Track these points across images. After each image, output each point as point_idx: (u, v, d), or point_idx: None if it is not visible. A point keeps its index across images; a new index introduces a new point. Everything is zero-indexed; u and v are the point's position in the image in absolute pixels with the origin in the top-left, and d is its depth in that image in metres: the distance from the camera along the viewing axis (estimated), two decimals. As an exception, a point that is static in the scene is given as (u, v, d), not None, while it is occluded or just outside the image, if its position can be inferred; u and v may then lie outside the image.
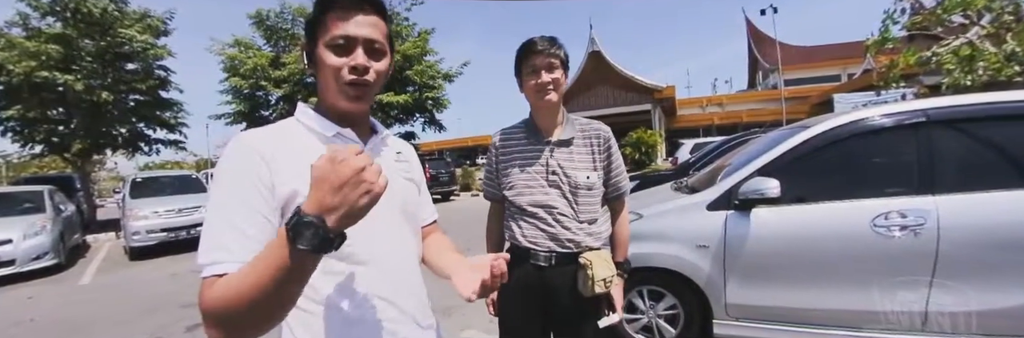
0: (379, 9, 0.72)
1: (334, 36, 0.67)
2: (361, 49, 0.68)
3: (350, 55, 0.68)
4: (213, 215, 0.59)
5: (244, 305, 0.50)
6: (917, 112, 1.93)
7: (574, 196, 1.21)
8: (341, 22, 0.67)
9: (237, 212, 0.59)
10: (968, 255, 1.76)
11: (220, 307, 0.51)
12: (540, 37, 1.19)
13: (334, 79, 0.68)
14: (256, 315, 0.52)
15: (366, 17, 0.69)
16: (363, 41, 0.68)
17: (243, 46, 12.53)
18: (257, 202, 0.60)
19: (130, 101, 10.12)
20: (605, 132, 1.28)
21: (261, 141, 0.65)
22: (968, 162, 1.89)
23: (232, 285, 0.52)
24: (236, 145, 0.65)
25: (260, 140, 0.65)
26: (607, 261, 1.20)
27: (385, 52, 0.72)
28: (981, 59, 4.19)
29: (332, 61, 0.67)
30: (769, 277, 1.97)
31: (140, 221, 6.23)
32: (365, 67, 0.68)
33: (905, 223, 1.79)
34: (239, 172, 0.62)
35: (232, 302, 0.51)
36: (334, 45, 0.67)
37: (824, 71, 27.21)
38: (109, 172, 33.20)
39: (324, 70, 0.68)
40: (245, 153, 0.63)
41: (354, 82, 0.68)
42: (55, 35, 8.56)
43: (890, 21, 5.01)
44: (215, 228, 0.58)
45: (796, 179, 1.97)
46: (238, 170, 0.62)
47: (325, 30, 0.68)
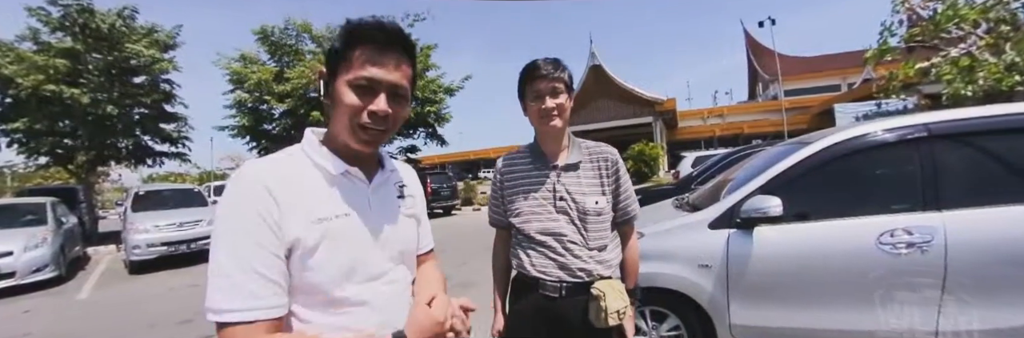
0: (409, 51, 0.69)
1: (359, 76, 0.64)
2: (384, 95, 0.66)
3: (372, 98, 0.65)
4: (229, 257, 0.58)
5: None
6: (919, 126, 1.91)
7: (583, 222, 1.17)
8: (369, 63, 0.65)
9: (255, 255, 0.59)
10: (979, 272, 1.71)
11: None
12: (543, 60, 1.16)
13: (349, 119, 0.66)
14: None
15: (395, 60, 0.66)
16: (388, 86, 0.66)
17: (248, 61, 12.75)
18: (269, 242, 0.60)
19: (135, 114, 10.25)
20: (612, 155, 1.24)
21: (269, 175, 0.63)
22: (974, 177, 1.86)
23: None
24: (243, 180, 0.63)
25: (268, 174, 0.63)
26: (620, 292, 1.15)
27: (407, 98, 0.70)
28: (981, 69, 4.19)
29: (352, 101, 0.65)
30: (773, 297, 1.93)
31: (141, 234, 6.22)
32: (386, 113, 0.66)
33: (911, 240, 1.76)
34: (250, 211, 0.60)
35: None
36: (357, 86, 0.65)
37: (824, 81, 27.40)
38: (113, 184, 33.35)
39: (341, 108, 0.66)
40: (254, 190, 0.61)
41: (369, 127, 0.66)
42: (63, 49, 8.75)
43: (888, 33, 5.07)
44: (237, 271, 0.58)
45: (799, 196, 1.94)
46: (249, 208, 0.60)
47: (349, 67, 0.65)
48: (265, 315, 0.58)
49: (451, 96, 13.84)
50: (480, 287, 1.25)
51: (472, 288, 4.03)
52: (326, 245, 0.64)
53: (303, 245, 0.62)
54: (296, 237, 0.62)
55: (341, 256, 0.66)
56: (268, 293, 0.58)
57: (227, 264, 0.58)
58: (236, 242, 0.59)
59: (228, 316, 0.56)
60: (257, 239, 0.59)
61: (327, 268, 0.64)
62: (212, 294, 0.58)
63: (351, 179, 0.71)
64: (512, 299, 1.28)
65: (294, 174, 0.67)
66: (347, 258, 0.66)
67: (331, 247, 0.65)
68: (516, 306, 1.25)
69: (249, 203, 0.61)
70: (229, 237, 0.59)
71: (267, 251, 0.59)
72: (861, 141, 1.97)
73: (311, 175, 0.68)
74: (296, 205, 0.63)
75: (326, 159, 0.69)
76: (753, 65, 33.64)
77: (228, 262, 0.58)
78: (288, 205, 0.62)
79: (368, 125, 0.66)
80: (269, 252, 0.59)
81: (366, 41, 0.65)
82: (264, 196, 0.61)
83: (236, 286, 0.57)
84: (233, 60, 12.64)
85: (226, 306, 0.57)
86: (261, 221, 0.60)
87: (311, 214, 0.64)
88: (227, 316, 0.56)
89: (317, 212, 0.65)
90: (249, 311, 0.57)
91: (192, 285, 5.15)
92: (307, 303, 0.66)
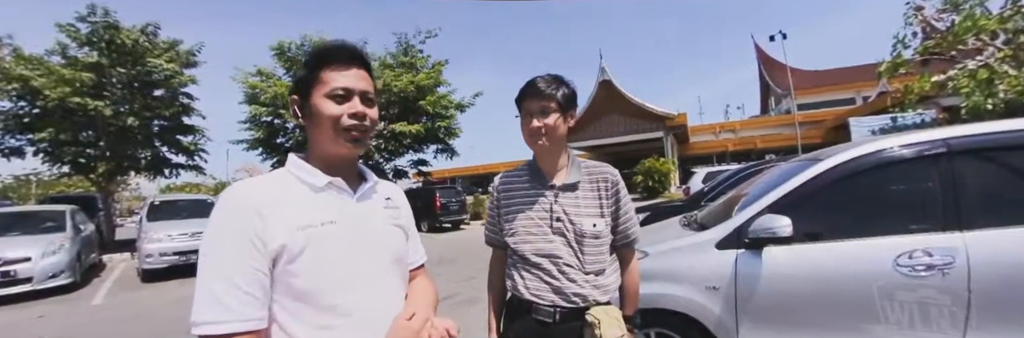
0: (367, 65, 0.80)
1: (334, 88, 0.73)
2: (358, 99, 0.75)
3: (348, 103, 0.74)
4: (211, 272, 0.62)
5: None
6: (938, 142, 1.84)
7: (580, 245, 1.14)
8: (339, 76, 0.74)
9: (235, 270, 0.62)
10: (1005, 297, 1.61)
11: None
12: (542, 77, 1.15)
13: (333, 126, 0.73)
14: None
15: (358, 71, 0.77)
16: (359, 92, 0.76)
17: (264, 76, 13.11)
18: (253, 257, 0.64)
19: (154, 126, 10.60)
20: (613, 175, 1.20)
21: (255, 193, 0.69)
22: (998, 195, 1.78)
23: None
24: (229, 199, 0.67)
25: (254, 192, 0.69)
26: (617, 319, 1.10)
27: (375, 102, 0.80)
28: (1001, 81, 4.05)
29: (332, 110, 0.73)
30: (784, 321, 1.83)
31: (154, 244, 6.34)
32: (363, 113, 0.75)
33: (932, 262, 1.67)
34: (234, 228, 0.64)
35: None
36: (334, 96, 0.74)
37: (837, 95, 27.08)
38: (132, 192, 34.21)
39: (322, 119, 0.73)
40: (239, 208, 0.66)
41: (354, 127, 0.74)
42: (89, 63, 9.16)
43: (901, 46, 4.96)
44: (219, 285, 0.61)
45: (810, 216, 1.87)
46: (233, 225, 0.64)
47: (323, 84, 0.74)
48: (241, 328, 0.61)
49: (462, 112, 14.01)
50: (485, 304, 1.22)
51: (478, 304, 3.95)
52: (311, 251, 0.67)
53: (289, 251, 0.65)
54: (281, 244, 0.65)
55: (327, 261, 0.69)
56: (245, 306, 0.61)
57: (209, 279, 0.62)
58: (218, 258, 0.63)
59: (205, 328, 0.60)
60: (239, 255, 0.63)
61: (313, 273, 0.67)
62: (195, 307, 0.61)
63: (336, 190, 0.76)
64: (506, 322, 1.24)
65: (279, 190, 0.71)
66: (333, 263, 0.69)
67: (316, 252, 0.67)
68: (510, 330, 1.21)
69: (232, 221, 0.65)
70: (213, 254, 0.63)
71: (248, 266, 0.63)
72: (876, 157, 1.91)
73: (296, 189, 0.73)
74: (281, 216, 0.67)
75: (309, 173, 0.75)
76: (765, 79, 33.49)
77: (209, 277, 0.62)
78: (273, 217, 0.66)
79: (352, 126, 0.74)
80: (251, 267, 0.63)
81: (331, 61, 0.75)
82: (247, 213, 0.65)
83: (216, 299, 0.61)
84: (250, 75, 13.01)
85: (204, 319, 0.60)
86: (243, 237, 0.63)
87: (296, 222, 0.68)
88: (204, 328, 0.60)
89: (302, 220, 0.68)
90: (225, 323, 0.60)
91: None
92: (295, 314, 0.67)
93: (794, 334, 1.83)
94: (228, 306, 0.60)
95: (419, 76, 12.64)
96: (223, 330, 0.59)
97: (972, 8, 4.50)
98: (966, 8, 4.49)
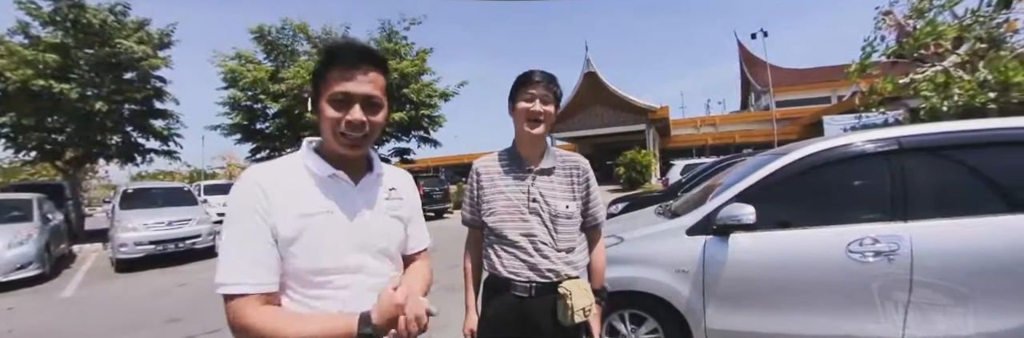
0: (379, 64, 0.81)
1: (335, 92, 0.76)
2: (358, 105, 0.77)
3: (348, 109, 0.76)
4: (232, 243, 0.73)
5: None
6: (891, 140, 2.00)
7: (554, 224, 1.24)
8: (342, 80, 0.76)
9: (250, 242, 0.73)
10: (942, 281, 1.78)
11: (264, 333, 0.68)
12: (540, 71, 1.25)
13: (331, 129, 0.78)
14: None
15: (365, 75, 0.77)
16: (361, 98, 0.77)
17: (244, 59, 12.72)
18: (263, 231, 0.74)
19: (125, 110, 10.15)
20: (584, 164, 1.33)
21: (264, 177, 0.77)
22: (940, 188, 1.95)
23: (278, 324, 0.69)
24: (246, 180, 0.76)
25: (263, 176, 0.77)
26: (586, 290, 1.22)
27: (382, 105, 0.81)
28: (956, 86, 4.36)
29: (331, 114, 0.77)
30: (747, 303, 1.99)
31: (128, 233, 6.15)
32: (361, 122, 0.77)
33: (879, 249, 1.83)
34: (246, 206, 0.74)
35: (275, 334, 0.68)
36: (334, 100, 0.76)
37: (814, 93, 27.82)
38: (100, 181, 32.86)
39: (324, 121, 0.78)
40: (252, 189, 0.75)
41: (349, 134, 0.78)
42: (54, 44, 8.66)
43: (870, 48, 5.25)
44: (235, 254, 0.73)
45: (773, 205, 2.02)
46: (246, 204, 0.74)
47: (327, 86, 0.77)
48: (254, 289, 0.71)
49: (446, 101, 13.91)
50: None
51: (459, 292, 4.04)
52: (307, 236, 0.75)
53: (284, 238, 0.74)
54: (281, 228, 0.74)
55: (321, 247, 0.77)
56: (259, 272, 0.72)
57: (228, 248, 0.73)
58: (236, 231, 0.73)
59: (225, 289, 0.70)
60: (251, 229, 0.73)
61: (308, 256, 0.76)
62: (219, 271, 0.72)
63: (338, 181, 0.82)
64: (485, 299, 1.34)
65: (286, 176, 0.79)
66: (326, 249, 0.77)
67: (312, 238, 0.76)
68: (488, 306, 1.31)
69: (246, 200, 0.74)
70: (232, 227, 0.74)
71: (259, 238, 0.73)
72: (834, 153, 2.06)
73: (302, 177, 0.80)
74: (285, 201, 0.75)
75: (316, 163, 0.81)
76: (746, 76, 34.11)
77: (229, 247, 0.73)
78: (278, 201, 0.74)
79: (347, 132, 0.77)
80: (261, 239, 0.73)
81: (339, 61, 0.77)
82: (258, 194, 0.74)
83: (233, 266, 0.72)
84: (229, 58, 12.62)
85: (225, 280, 0.71)
86: (254, 213, 0.73)
87: (297, 209, 0.76)
88: (225, 289, 0.71)
89: (303, 208, 0.76)
90: (242, 285, 0.71)
91: (180, 284, 5.10)
92: (295, 286, 0.78)
93: (755, 314, 1.98)
94: (244, 270, 0.71)
95: (403, 63, 12.47)
96: (242, 290, 0.70)
97: (936, 15, 4.77)
98: (929, 15, 4.77)
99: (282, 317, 0.71)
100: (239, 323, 0.69)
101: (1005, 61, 4.20)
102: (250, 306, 0.70)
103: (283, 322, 0.70)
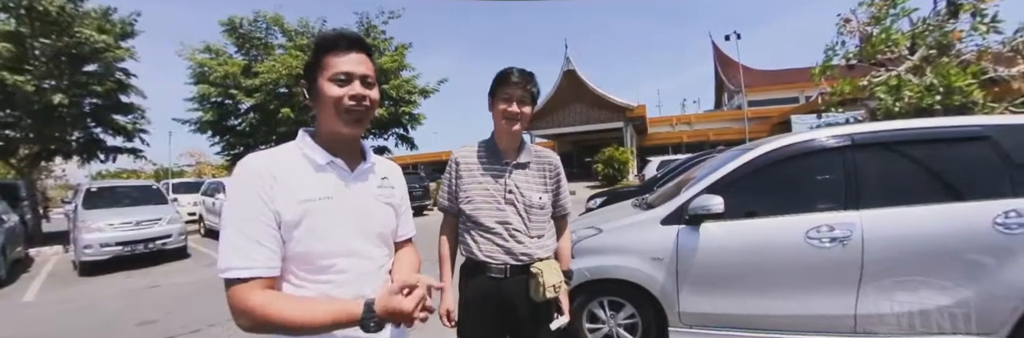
0: (367, 50, 0.88)
1: (336, 72, 0.81)
2: (358, 82, 0.83)
3: (349, 86, 0.82)
4: (235, 228, 0.74)
5: (286, 324, 0.70)
6: (845, 136, 2.18)
7: (528, 214, 1.34)
8: (340, 62, 0.82)
9: (255, 227, 0.74)
10: (890, 263, 1.96)
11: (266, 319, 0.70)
12: (519, 70, 1.32)
13: (335, 107, 0.82)
14: (287, 331, 0.72)
15: (358, 56, 0.84)
16: (359, 76, 0.83)
17: (214, 53, 12.25)
18: (266, 216, 0.75)
19: (86, 105, 9.61)
20: (555, 161, 1.44)
21: (266, 162, 0.79)
22: (888, 180, 2.13)
23: (282, 308, 0.71)
24: (246, 167, 0.78)
25: (265, 162, 0.80)
26: (555, 269, 1.33)
27: (375, 84, 0.87)
28: (907, 89, 4.71)
29: (335, 92, 0.81)
30: (717, 287, 2.13)
31: (93, 234, 5.87)
32: (363, 95, 0.83)
33: (834, 235, 2.00)
34: (249, 190, 0.76)
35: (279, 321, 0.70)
36: (336, 80, 0.82)
37: (784, 93, 28.88)
38: (57, 180, 31.03)
39: (326, 100, 0.82)
40: (255, 174, 0.77)
41: (353, 108, 0.82)
42: (6, 33, 8.13)
43: (831, 52, 5.60)
44: (237, 239, 0.74)
45: (740, 196, 2.16)
46: (250, 190, 0.76)
47: (326, 68, 0.82)
48: (257, 273, 0.72)
49: (425, 98, 13.80)
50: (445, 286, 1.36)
51: (442, 285, 4.09)
52: (307, 221, 0.78)
53: (287, 222, 0.76)
54: (283, 213, 0.76)
55: (322, 231, 0.79)
56: (262, 256, 0.73)
57: (231, 233, 0.74)
58: (238, 216, 0.75)
59: (229, 273, 0.72)
60: (254, 213, 0.74)
61: (308, 240, 0.78)
62: (221, 256, 0.73)
63: (335, 168, 0.85)
64: (462, 282, 1.42)
65: (287, 162, 0.82)
66: (325, 233, 0.80)
67: (311, 223, 0.78)
68: (466, 288, 1.39)
69: (249, 184, 0.76)
70: (233, 212, 0.75)
71: (261, 222, 0.74)
72: (794, 148, 2.22)
73: (301, 164, 0.83)
74: (286, 187, 0.77)
75: (314, 151, 0.84)
76: (720, 76, 35.12)
77: (231, 231, 0.74)
78: (280, 187, 0.77)
79: (352, 107, 0.82)
80: (263, 223, 0.74)
81: (333, 48, 0.83)
82: (261, 178, 0.76)
83: (237, 250, 0.73)
84: (198, 51, 12.11)
85: (228, 265, 0.72)
86: (258, 198, 0.75)
87: (298, 195, 0.78)
88: (228, 273, 0.72)
89: (303, 194, 0.79)
90: (245, 269, 0.72)
91: (151, 286, 4.95)
92: (296, 271, 0.80)
93: (725, 297, 2.13)
94: (248, 255, 0.72)
95: (383, 59, 12.30)
96: (244, 274, 0.71)
97: (892, 23, 5.16)
98: (886, 23, 5.13)
99: (286, 300, 0.73)
100: (242, 307, 0.70)
101: (949, 67, 4.58)
102: (253, 290, 0.71)
103: (287, 305, 0.71)
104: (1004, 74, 4.66)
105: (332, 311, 0.72)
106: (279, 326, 0.70)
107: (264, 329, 0.72)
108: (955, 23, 4.95)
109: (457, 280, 1.45)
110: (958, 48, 4.93)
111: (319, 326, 0.71)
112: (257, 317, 0.70)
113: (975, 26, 4.76)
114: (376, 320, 0.71)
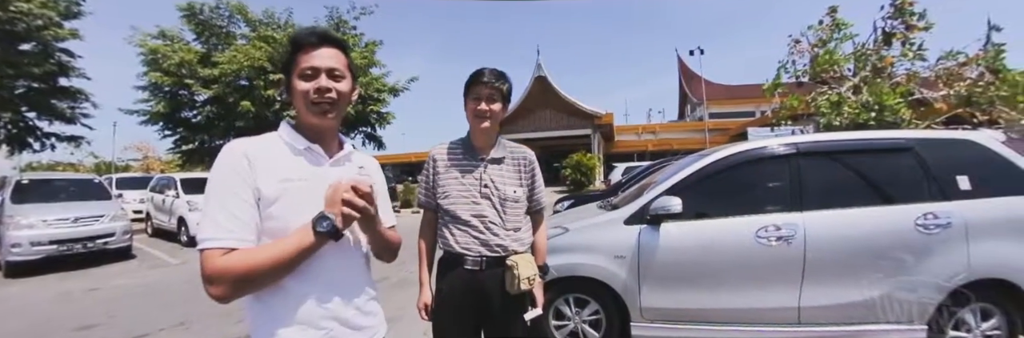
0: (338, 44, 0.92)
1: (303, 68, 0.87)
2: (324, 75, 0.88)
3: (315, 80, 0.87)
4: (214, 202, 0.78)
5: (259, 270, 0.74)
6: (791, 145, 2.38)
7: (503, 207, 1.39)
8: (308, 58, 0.87)
9: (232, 201, 0.78)
10: (829, 260, 2.15)
11: (240, 271, 0.73)
12: (490, 70, 1.38)
13: (304, 100, 0.87)
14: (262, 279, 0.76)
15: (327, 51, 0.89)
16: (325, 70, 0.88)
17: (169, 39, 11.51)
18: (245, 193, 0.80)
19: (19, 87, 8.78)
20: (530, 156, 1.49)
21: (248, 147, 0.84)
22: (827, 185, 2.33)
23: (251, 256, 0.74)
24: (229, 150, 0.83)
25: (247, 146, 0.84)
26: (530, 262, 1.38)
27: (345, 76, 0.92)
28: (846, 105, 5.22)
29: (302, 87, 0.87)
30: (676, 283, 2.26)
31: (23, 231, 5.34)
32: (327, 88, 0.87)
33: (780, 234, 2.18)
34: (231, 170, 0.80)
35: (251, 267, 0.73)
36: (304, 75, 0.87)
37: (742, 107, 30.50)
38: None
39: (296, 95, 0.88)
40: (236, 156, 0.82)
41: (318, 100, 0.87)
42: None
43: (782, 70, 6.10)
44: (216, 213, 0.77)
45: (697, 198, 2.32)
46: (230, 168, 0.80)
47: (296, 65, 0.88)
48: (232, 244, 0.76)
49: (395, 96, 13.60)
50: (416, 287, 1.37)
51: (410, 287, 4.05)
52: (284, 200, 0.82)
53: (266, 197, 0.81)
54: (262, 190, 0.80)
55: (296, 210, 0.82)
56: (237, 228, 0.77)
57: (210, 207, 0.78)
58: (218, 192, 0.79)
59: (207, 243, 0.75)
60: (233, 189, 0.79)
61: (285, 218, 0.82)
62: (200, 228, 0.77)
63: (313, 153, 0.90)
64: (439, 275, 1.46)
65: (267, 147, 0.87)
66: (301, 212, 0.82)
67: (288, 202, 0.82)
68: (442, 281, 1.43)
69: (230, 164, 0.81)
70: (215, 189, 0.79)
71: (239, 198, 0.78)
72: (745, 155, 2.41)
73: (281, 148, 0.88)
74: (266, 167, 0.82)
75: (293, 137, 0.90)
76: (684, 88, 36.70)
77: (212, 206, 0.78)
78: (260, 167, 0.82)
79: (317, 99, 0.87)
80: (241, 199, 0.79)
81: (304, 44, 0.88)
82: (241, 159, 0.81)
83: (214, 222, 0.76)
84: (151, 36, 11.29)
85: (206, 236, 0.76)
86: (236, 176, 0.80)
87: (277, 175, 0.83)
88: (206, 243, 0.75)
89: (282, 174, 0.84)
90: (221, 240, 0.75)
91: (90, 289, 4.55)
92: None
93: (683, 293, 2.26)
94: (225, 227, 0.76)
95: (352, 55, 12.04)
96: (218, 244, 0.74)
97: (835, 46, 5.75)
98: (830, 46, 5.67)
99: (253, 250, 0.76)
100: (215, 269, 0.72)
101: (883, 87, 5.14)
102: (226, 256, 0.74)
103: (254, 252, 0.75)
104: (929, 96, 5.27)
105: (295, 236, 0.77)
106: (254, 272, 0.73)
107: (240, 285, 0.74)
108: (888, 49, 5.54)
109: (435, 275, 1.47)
110: (891, 71, 5.49)
111: (289, 256, 0.75)
112: (233, 272, 0.72)
113: (904, 52, 5.38)
114: (327, 222, 0.76)
